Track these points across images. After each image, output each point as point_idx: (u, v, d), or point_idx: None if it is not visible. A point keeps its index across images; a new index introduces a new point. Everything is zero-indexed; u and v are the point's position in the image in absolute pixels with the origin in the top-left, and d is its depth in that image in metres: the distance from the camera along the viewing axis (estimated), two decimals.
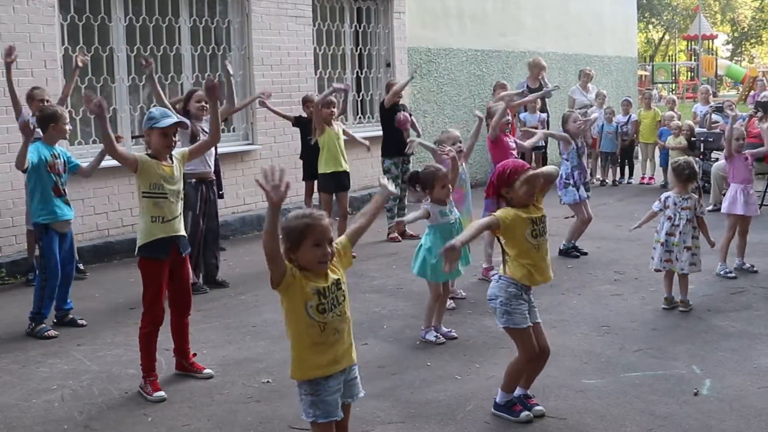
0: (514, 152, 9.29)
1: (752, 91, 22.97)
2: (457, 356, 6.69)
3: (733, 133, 9.18)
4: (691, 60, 51.61)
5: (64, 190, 7.55)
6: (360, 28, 13.94)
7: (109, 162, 10.06)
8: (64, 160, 7.62)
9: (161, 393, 5.90)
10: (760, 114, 12.53)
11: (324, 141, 10.11)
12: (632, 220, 11.81)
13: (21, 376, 6.38)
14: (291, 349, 4.17)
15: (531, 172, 5.30)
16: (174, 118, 6.08)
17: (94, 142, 10.28)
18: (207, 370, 6.26)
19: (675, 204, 7.92)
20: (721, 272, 9.01)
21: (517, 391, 5.56)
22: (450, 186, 7.21)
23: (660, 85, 49.75)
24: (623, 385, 6.02)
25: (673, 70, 52.71)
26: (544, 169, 5.49)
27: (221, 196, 9.35)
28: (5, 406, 5.80)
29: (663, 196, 8.11)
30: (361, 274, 9.23)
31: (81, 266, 9.50)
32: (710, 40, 53.23)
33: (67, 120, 7.61)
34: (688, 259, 7.81)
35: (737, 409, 5.56)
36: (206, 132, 8.47)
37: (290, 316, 4.10)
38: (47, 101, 8.58)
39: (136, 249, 6.03)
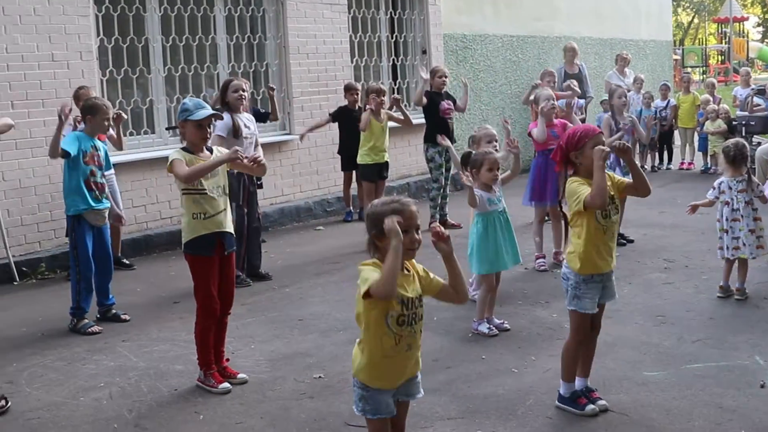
0: (555, 141, 9.06)
1: None
2: (511, 348, 6.51)
3: None
4: (721, 43, 50.90)
5: (98, 184, 7.38)
6: (395, 14, 13.74)
7: (145, 154, 10.12)
8: (104, 153, 7.50)
9: (226, 385, 5.79)
10: None
11: (370, 133, 9.95)
12: (675, 207, 11.67)
13: (67, 373, 6.26)
14: (361, 351, 3.96)
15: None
16: (209, 109, 5.89)
17: (131, 134, 10.16)
18: (241, 375, 6.00)
19: (730, 188, 7.69)
20: None
21: (578, 383, 5.38)
22: (497, 172, 7.00)
23: (690, 69, 49.16)
24: (686, 377, 5.82)
25: (704, 54, 52.04)
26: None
27: (260, 186, 9.20)
28: (53, 404, 5.68)
29: (717, 182, 7.86)
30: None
31: (126, 260, 9.43)
32: (741, 23, 52.52)
33: (108, 116, 7.44)
34: (755, 242, 7.59)
35: None
36: (248, 127, 8.37)
37: (367, 322, 3.90)
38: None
39: (183, 245, 5.85)
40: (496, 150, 7.73)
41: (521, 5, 16.34)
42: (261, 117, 9.56)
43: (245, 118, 8.46)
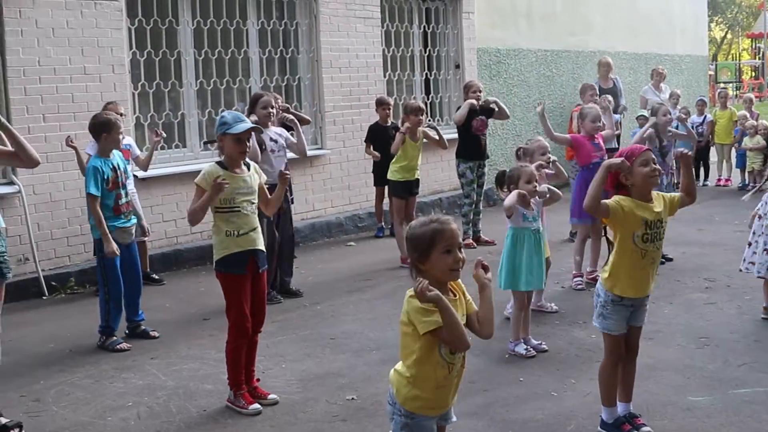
0: (598, 155, 8.91)
1: None
2: (549, 371, 6.32)
3: None
4: (755, 59, 50.42)
5: (126, 205, 7.26)
6: (429, 28, 13.60)
7: (175, 168, 10.03)
8: (124, 169, 7.35)
9: (257, 406, 5.64)
10: None
11: (402, 150, 9.77)
12: (713, 224, 11.46)
13: (95, 391, 6.13)
14: (410, 383, 3.76)
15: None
16: (248, 123, 5.77)
17: (162, 147, 10.08)
18: (272, 396, 5.84)
19: (766, 203, 7.48)
20: None
21: (621, 408, 5.19)
22: (536, 186, 6.80)
23: (722, 84, 48.74)
24: (733, 402, 5.60)
25: (737, 69, 51.57)
26: None
27: (292, 201, 9.07)
28: (80, 424, 5.55)
29: (765, 197, 7.61)
30: None
31: (155, 276, 9.32)
32: None
33: (121, 129, 7.27)
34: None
35: None
36: (274, 140, 8.21)
37: (421, 354, 3.71)
38: (122, 115, 8.37)
39: (214, 262, 5.71)
40: (549, 161, 7.55)
41: (555, 20, 16.16)
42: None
43: (273, 132, 8.33)
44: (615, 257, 4.99)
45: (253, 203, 5.69)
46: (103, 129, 7.12)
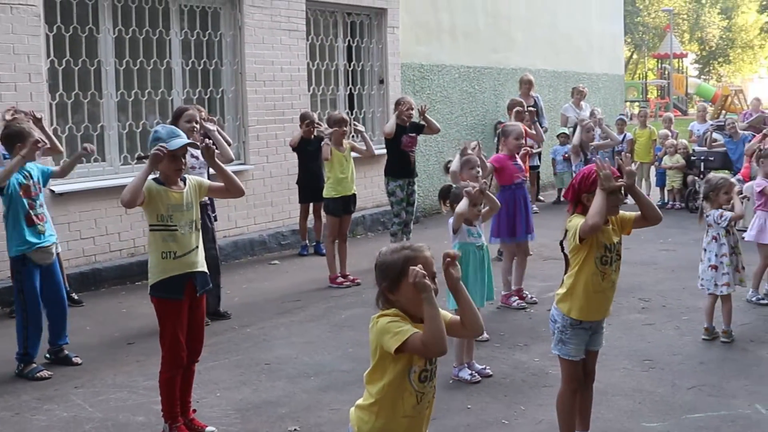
0: (521, 175, 8.81)
1: (744, 110, 22.62)
2: (497, 397, 6.11)
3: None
4: (661, 78, 51.60)
5: (38, 216, 6.76)
6: (353, 42, 13.36)
7: (94, 183, 9.56)
8: (38, 179, 6.86)
9: None
10: None
11: (332, 164, 9.50)
12: (639, 243, 11.44)
13: (15, 425, 5.68)
14: (373, 413, 3.49)
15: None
16: (184, 138, 5.43)
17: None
18: (210, 428, 5.49)
19: (717, 223, 7.42)
20: (753, 299, 8.56)
21: None
22: (480, 208, 6.65)
23: (628, 104, 49.70)
24: (688, 428, 5.49)
25: (644, 89, 52.70)
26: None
27: (215, 219, 8.69)
28: None
29: (715, 213, 7.52)
30: (371, 304, 8.59)
31: (75, 296, 8.83)
32: (680, 59, 53.33)
33: (35, 136, 6.80)
34: (714, 278, 7.41)
35: None
36: (195, 157, 7.80)
37: (388, 381, 3.45)
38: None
39: (149, 286, 5.33)
40: (478, 176, 7.37)
41: (478, 37, 16.08)
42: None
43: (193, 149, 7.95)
44: (574, 279, 4.83)
45: (191, 222, 5.33)
46: (16, 139, 6.68)
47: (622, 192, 4.81)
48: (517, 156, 8.87)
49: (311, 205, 11.42)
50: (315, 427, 5.56)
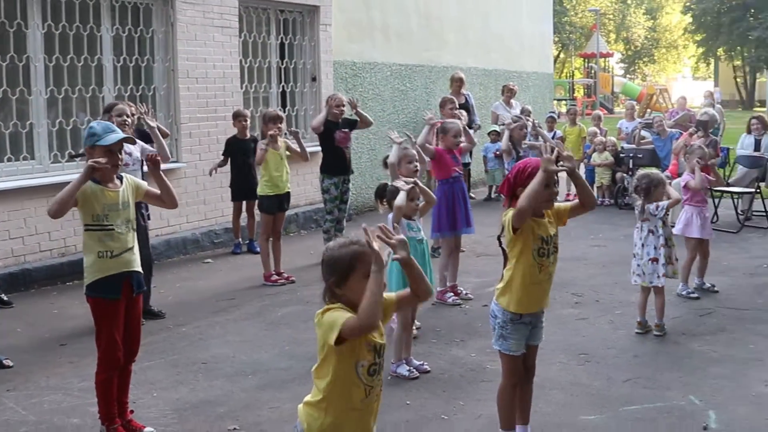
0: (458, 169, 8.87)
1: (670, 109, 23.04)
2: (436, 393, 6.13)
3: (695, 152, 8.89)
4: (587, 77, 52.36)
5: None
6: (286, 40, 13.29)
7: (23, 181, 9.38)
8: None
9: None
10: (701, 133, 12.34)
11: (267, 162, 9.46)
12: (570, 239, 11.55)
13: None
14: (323, 409, 3.49)
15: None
16: (119, 133, 5.34)
17: (8, 159, 9.43)
18: (148, 429, 5.41)
19: (653, 214, 7.55)
20: (683, 292, 8.71)
21: (518, 430, 5.04)
22: (417, 202, 6.68)
23: (556, 102, 50.34)
24: (625, 420, 5.58)
25: (570, 87, 53.42)
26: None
27: (148, 218, 8.57)
28: None
29: (650, 206, 7.65)
30: (306, 301, 8.61)
31: (5, 297, 8.63)
32: (606, 59, 54.18)
33: None
34: (655, 270, 7.53)
35: None
36: (128, 153, 7.69)
37: (335, 375, 3.44)
38: None
39: (84, 286, 5.24)
40: (416, 170, 7.39)
41: (410, 35, 16.13)
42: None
43: (127, 144, 7.83)
44: (512, 272, 4.84)
45: (129, 221, 5.25)
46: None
47: (557, 184, 4.82)
48: (454, 152, 8.92)
49: (244, 203, 11.36)
50: (254, 426, 5.52)
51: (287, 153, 9.76)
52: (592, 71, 51.10)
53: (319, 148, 10.67)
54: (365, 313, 3.28)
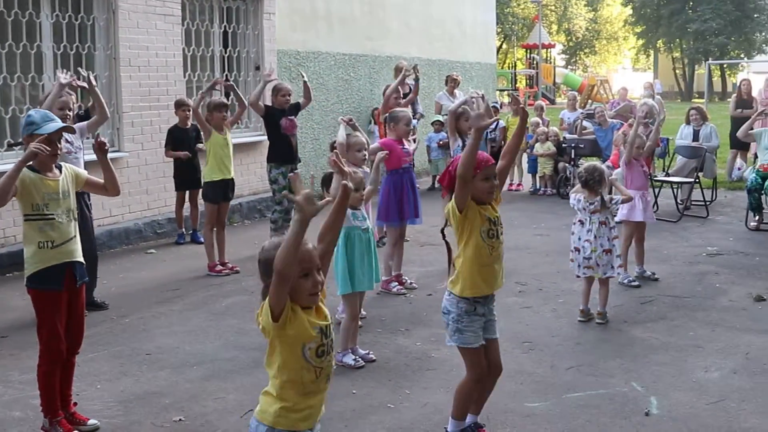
0: (408, 159, 8.89)
1: (611, 100, 23.30)
2: (382, 381, 6.15)
3: (635, 140, 8.98)
4: (530, 68, 52.71)
5: None
6: (229, 28, 13.17)
7: None
8: None
9: None
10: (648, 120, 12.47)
11: (211, 146, 9.40)
12: (513, 228, 11.65)
13: None
14: (276, 395, 3.48)
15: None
16: (58, 122, 5.28)
17: None
18: (92, 421, 5.35)
19: (584, 209, 7.63)
20: (624, 281, 8.82)
21: (468, 419, 5.07)
22: (363, 192, 6.66)
23: (498, 92, 50.60)
24: (569, 407, 5.64)
25: (513, 78, 53.72)
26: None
27: (89, 208, 8.45)
28: None
29: (578, 195, 7.73)
30: (251, 291, 8.57)
31: None
32: (548, 50, 54.57)
33: None
34: (609, 261, 7.57)
35: (695, 429, 5.31)
36: (69, 141, 7.60)
37: (281, 359, 3.43)
38: None
39: (25, 278, 5.16)
40: (365, 159, 7.39)
41: (354, 24, 16.11)
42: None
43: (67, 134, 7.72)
44: (463, 256, 4.83)
45: (68, 211, 5.18)
46: None
47: (496, 177, 4.83)
48: (404, 141, 8.92)
49: (187, 192, 11.28)
50: (200, 417, 5.49)
51: (235, 140, 9.72)
52: (535, 62, 51.42)
53: (264, 138, 10.60)
54: (279, 258, 3.23)
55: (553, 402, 5.71)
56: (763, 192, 11.74)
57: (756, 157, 12.87)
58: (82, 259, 5.29)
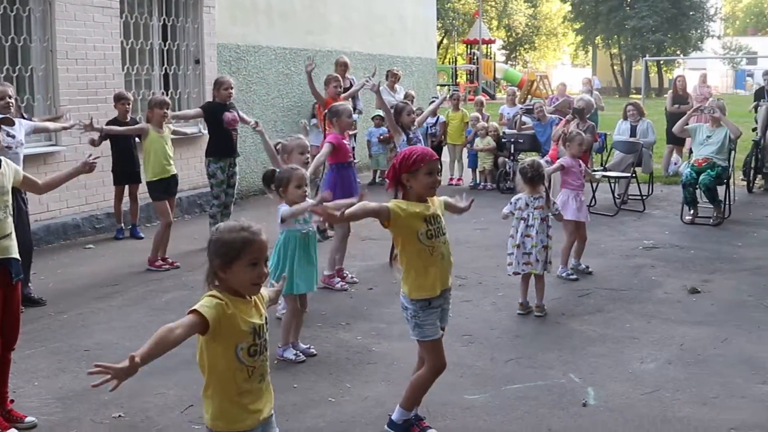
0: (352, 154, 8.93)
1: (550, 95, 23.53)
2: (323, 375, 6.17)
3: (574, 138, 9.11)
4: (470, 63, 52.98)
5: None
6: (168, 21, 13.05)
7: None
8: None
9: (13, 431, 5.09)
10: (577, 121, 12.65)
11: (150, 145, 9.33)
12: (453, 222, 11.66)
13: None
14: (210, 397, 3.48)
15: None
16: None
17: None
18: (29, 418, 5.30)
19: (527, 205, 7.71)
20: (563, 274, 8.95)
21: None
22: (306, 189, 6.64)
23: (439, 87, 50.81)
24: (508, 399, 5.71)
25: (453, 73, 53.97)
26: None
27: (26, 203, 8.33)
28: None
29: (514, 198, 7.88)
30: (191, 286, 8.54)
31: None
32: (488, 45, 54.91)
33: None
34: (548, 258, 7.67)
35: (630, 419, 5.40)
36: (10, 135, 7.52)
37: (213, 361, 3.42)
38: None
39: None
40: (308, 162, 7.36)
41: (295, 18, 16.06)
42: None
43: (9, 127, 7.63)
44: (406, 260, 4.86)
45: (6, 206, 5.12)
46: None
47: (440, 173, 4.88)
48: (347, 135, 8.93)
49: (126, 187, 11.18)
50: (140, 413, 5.47)
51: (172, 136, 9.66)
52: (475, 57, 51.69)
53: (204, 132, 10.54)
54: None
55: (492, 394, 5.78)
56: (697, 186, 11.97)
57: (691, 152, 13.12)
58: (17, 256, 5.22)
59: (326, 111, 9.27)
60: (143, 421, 5.33)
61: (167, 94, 12.99)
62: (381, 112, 16.09)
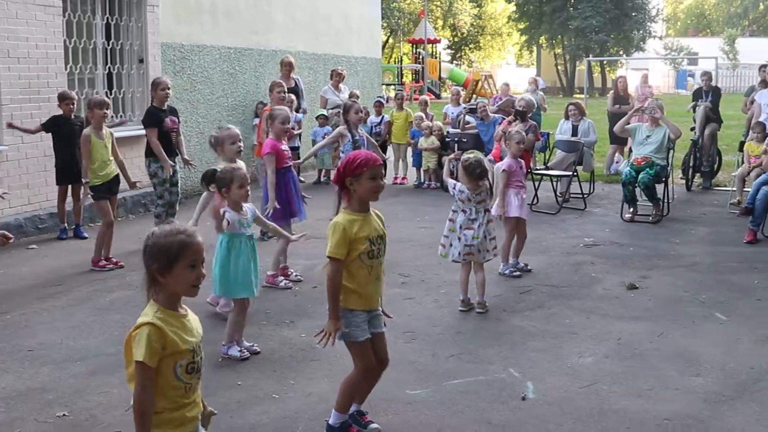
0: (290, 158, 8.98)
1: (494, 95, 23.78)
2: (266, 372, 6.24)
3: (513, 137, 9.25)
4: (415, 63, 53.20)
5: None
6: (112, 20, 12.99)
7: None
8: None
9: None
10: (518, 121, 12.83)
11: (94, 153, 9.34)
12: (397, 221, 11.84)
13: None
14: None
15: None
16: None
17: None
18: None
19: (470, 199, 7.82)
20: (505, 272, 9.10)
21: (351, 407, 5.19)
22: (248, 188, 6.69)
23: (384, 87, 50.97)
24: (449, 393, 5.83)
25: (399, 73, 54.18)
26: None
27: None
28: None
29: (458, 187, 7.90)
30: (135, 286, 8.52)
31: None
32: (434, 45, 55.16)
33: None
34: (489, 247, 7.86)
35: (568, 412, 5.53)
36: None
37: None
38: None
39: None
40: (240, 151, 7.41)
41: (239, 17, 16.05)
42: None
43: None
44: (346, 275, 4.91)
45: None
46: None
47: (383, 177, 4.96)
48: (283, 140, 8.97)
49: (70, 186, 11.12)
50: (85, 411, 5.49)
51: (116, 134, 9.66)
52: (420, 57, 51.92)
53: (143, 132, 10.51)
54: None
55: (434, 389, 5.89)
56: (636, 185, 12.22)
57: (631, 151, 13.37)
58: None
59: (267, 114, 9.32)
60: (87, 419, 5.36)
61: (111, 94, 12.93)
62: (325, 112, 16.24)
